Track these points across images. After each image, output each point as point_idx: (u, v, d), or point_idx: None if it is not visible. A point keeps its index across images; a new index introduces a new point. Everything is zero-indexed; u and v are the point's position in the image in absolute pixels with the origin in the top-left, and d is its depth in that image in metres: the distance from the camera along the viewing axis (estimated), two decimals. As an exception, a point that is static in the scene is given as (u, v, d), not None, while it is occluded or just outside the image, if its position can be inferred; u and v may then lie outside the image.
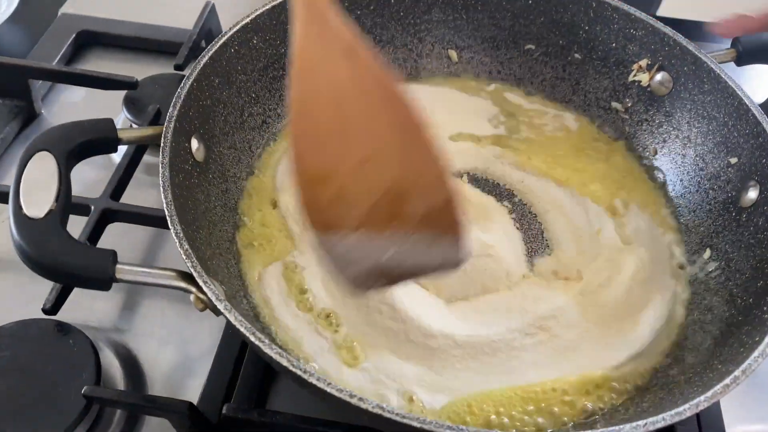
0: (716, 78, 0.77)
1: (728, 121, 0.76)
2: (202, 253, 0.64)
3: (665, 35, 0.81)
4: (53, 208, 0.58)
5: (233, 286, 0.69)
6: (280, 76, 0.83)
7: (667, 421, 0.53)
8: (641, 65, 0.84)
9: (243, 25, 0.76)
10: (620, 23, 0.84)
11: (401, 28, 0.90)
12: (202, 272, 0.56)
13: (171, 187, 0.61)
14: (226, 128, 0.77)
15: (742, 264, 0.70)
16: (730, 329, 0.66)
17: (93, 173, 0.89)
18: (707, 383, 0.57)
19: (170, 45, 1.02)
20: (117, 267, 0.57)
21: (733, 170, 0.76)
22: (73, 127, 0.64)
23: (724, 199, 0.76)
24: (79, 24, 1.08)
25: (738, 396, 0.73)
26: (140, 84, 0.91)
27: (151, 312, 0.78)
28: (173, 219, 0.59)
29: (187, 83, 0.69)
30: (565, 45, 0.89)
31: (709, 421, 0.71)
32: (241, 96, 0.79)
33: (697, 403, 0.54)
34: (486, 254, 0.72)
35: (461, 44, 0.92)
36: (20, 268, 0.76)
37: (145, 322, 0.77)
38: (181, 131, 0.67)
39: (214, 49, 0.73)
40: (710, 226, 0.76)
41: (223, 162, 0.76)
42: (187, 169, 0.68)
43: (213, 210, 0.72)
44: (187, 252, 0.57)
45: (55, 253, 0.56)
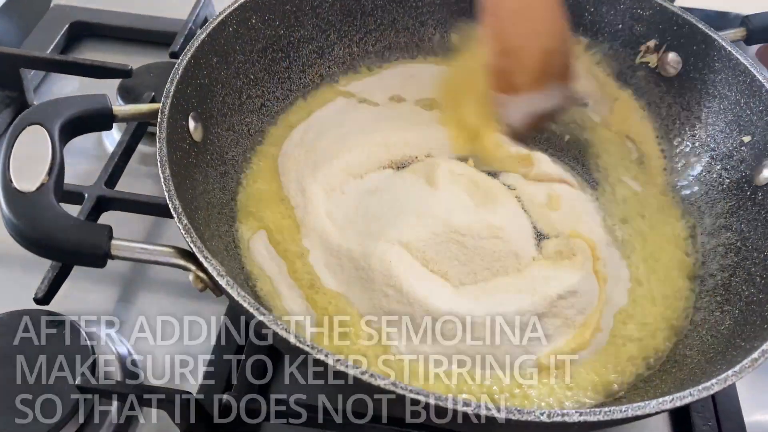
0: (727, 56, 0.76)
1: (740, 99, 0.75)
2: (200, 233, 0.61)
3: (673, 14, 0.80)
4: (45, 182, 0.55)
5: (233, 269, 0.66)
6: (279, 59, 0.81)
7: (695, 396, 0.51)
8: (649, 46, 0.83)
9: (241, 4, 0.74)
10: (627, 3, 0.83)
11: (402, 11, 0.89)
12: (202, 247, 0.54)
13: (169, 163, 0.59)
14: (224, 109, 0.75)
15: (760, 242, 0.69)
16: (750, 307, 0.65)
17: (87, 163, 0.87)
18: (731, 360, 0.56)
19: (165, 35, 1.00)
20: (113, 243, 0.54)
21: (746, 149, 0.75)
22: (66, 101, 0.61)
23: (738, 179, 0.75)
24: (72, 14, 1.06)
25: (755, 383, 0.73)
26: (135, 73, 0.89)
27: (147, 303, 0.76)
28: (171, 194, 0.57)
29: (184, 59, 0.67)
30: (571, 27, 0.86)
31: (726, 408, 0.69)
32: (239, 77, 0.77)
33: (725, 378, 0.52)
34: (494, 236, 0.69)
35: (464, 27, 0.90)
36: (11, 258, 0.76)
37: (140, 313, 0.74)
38: (178, 108, 0.65)
39: (212, 26, 0.71)
40: (724, 206, 0.75)
41: (222, 144, 0.74)
42: (185, 148, 0.66)
43: (211, 192, 0.70)
44: (186, 227, 0.55)
45: (48, 228, 0.53)
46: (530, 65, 0.76)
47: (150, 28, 1.05)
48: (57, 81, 0.99)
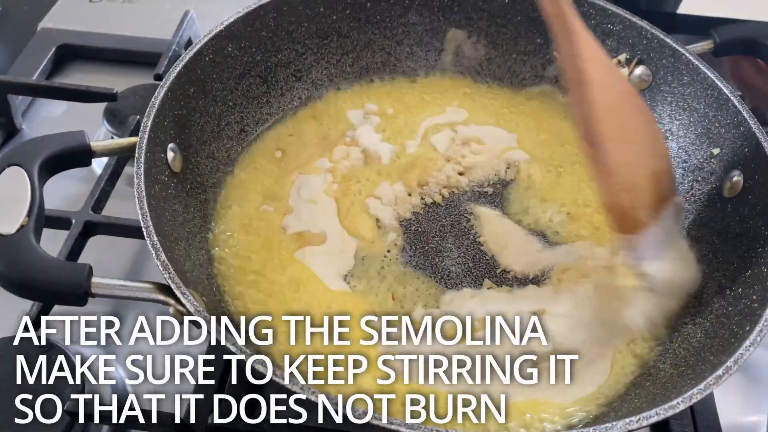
0: (695, 69, 0.77)
1: (709, 112, 0.76)
2: (180, 265, 0.63)
3: (642, 29, 0.81)
4: (25, 223, 0.56)
5: (214, 298, 0.68)
6: (257, 84, 0.83)
7: (661, 415, 0.52)
8: (620, 60, 0.84)
9: (217, 33, 0.75)
10: (597, 18, 0.83)
11: (378, 32, 0.89)
12: (180, 284, 0.55)
13: (147, 198, 0.60)
14: (203, 137, 0.76)
15: (730, 254, 0.70)
16: (720, 320, 0.65)
17: (74, 186, 0.88)
18: (700, 375, 0.57)
19: (151, 56, 1.01)
20: (93, 281, 0.56)
21: (716, 161, 0.75)
22: (44, 140, 0.63)
23: (709, 191, 0.76)
24: (58, 38, 1.07)
25: (732, 388, 0.73)
26: (120, 96, 0.91)
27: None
28: (149, 230, 0.58)
29: (160, 93, 0.68)
30: (543, 43, 0.88)
31: (704, 414, 0.70)
32: (217, 104, 0.78)
33: (690, 396, 0.54)
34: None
35: (439, 46, 0.92)
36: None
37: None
38: (156, 141, 0.66)
39: (187, 57, 0.72)
40: (695, 219, 0.76)
41: (201, 172, 0.75)
42: (164, 180, 0.67)
43: (192, 221, 0.71)
44: (164, 263, 0.56)
45: (28, 269, 0.55)
46: (650, 193, 0.68)
47: (135, 49, 1.06)
48: (45, 105, 1.01)
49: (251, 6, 0.79)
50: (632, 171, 0.67)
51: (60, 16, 1.12)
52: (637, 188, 0.67)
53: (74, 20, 1.11)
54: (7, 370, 0.66)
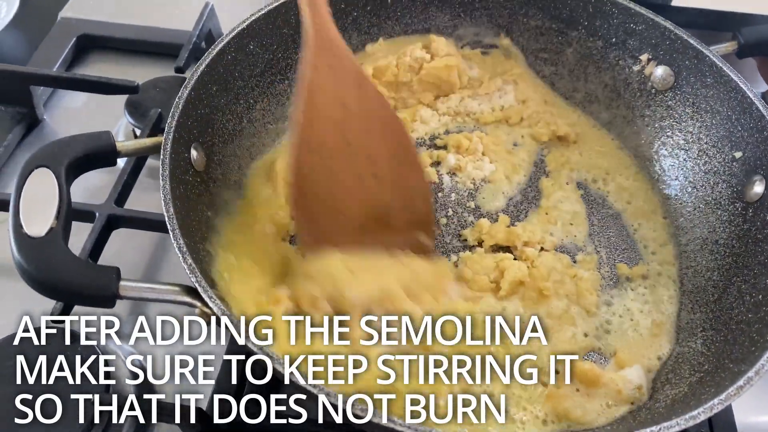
0: (719, 71, 0.76)
1: (732, 115, 0.76)
2: (206, 265, 0.63)
3: (666, 29, 0.80)
4: (54, 226, 0.57)
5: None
6: (277, 81, 0.83)
7: (681, 425, 0.52)
8: (642, 60, 0.83)
9: (239, 31, 0.76)
10: (620, 18, 0.83)
11: (399, 29, 0.90)
12: (206, 287, 0.56)
13: (173, 200, 0.61)
14: (226, 135, 0.76)
15: (750, 260, 0.70)
16: (740, 327, 0.65)
17: (97, 178, 0.87)
18: (720, 383, 0.57)
19: (171, 47, 1.01)
20: (121, 284, 0.57)
21: (737, 164, 0.75)
22: (71, 141, 0.63)
23: (730, 194, 0.75)
24: (78, 28, 1.08)
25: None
26: (141, 88, 0.91)
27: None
28: (176, 233, 0.59)
29: (184, 93, 0.68)
30: (564, 41, 0.88)
31: (719, 414, 0.68)
32: (239, 102, 0.78)
33: (711, 407, 0.54)
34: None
35: (458, 44, 0.92)
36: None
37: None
38: (180, 141, 0.67)
39: (210, 56, 0.72)
40: (714, 223, 0.76)
41: (224, 170, 0.75)
42: (188, 180, 0.68)
43: (215, 219, 0.71)
44: (191, 267, 0.57)
45: (57, 271, 0.56)
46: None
47: (155, 40, 1.06)
48: (66, 95, 1.01)
49: (273, 3, 0.79)
50: (331, 185, 0.67)
51: (80, 6, 1.12)
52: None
53: (94, 10, 1.11)
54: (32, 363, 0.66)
